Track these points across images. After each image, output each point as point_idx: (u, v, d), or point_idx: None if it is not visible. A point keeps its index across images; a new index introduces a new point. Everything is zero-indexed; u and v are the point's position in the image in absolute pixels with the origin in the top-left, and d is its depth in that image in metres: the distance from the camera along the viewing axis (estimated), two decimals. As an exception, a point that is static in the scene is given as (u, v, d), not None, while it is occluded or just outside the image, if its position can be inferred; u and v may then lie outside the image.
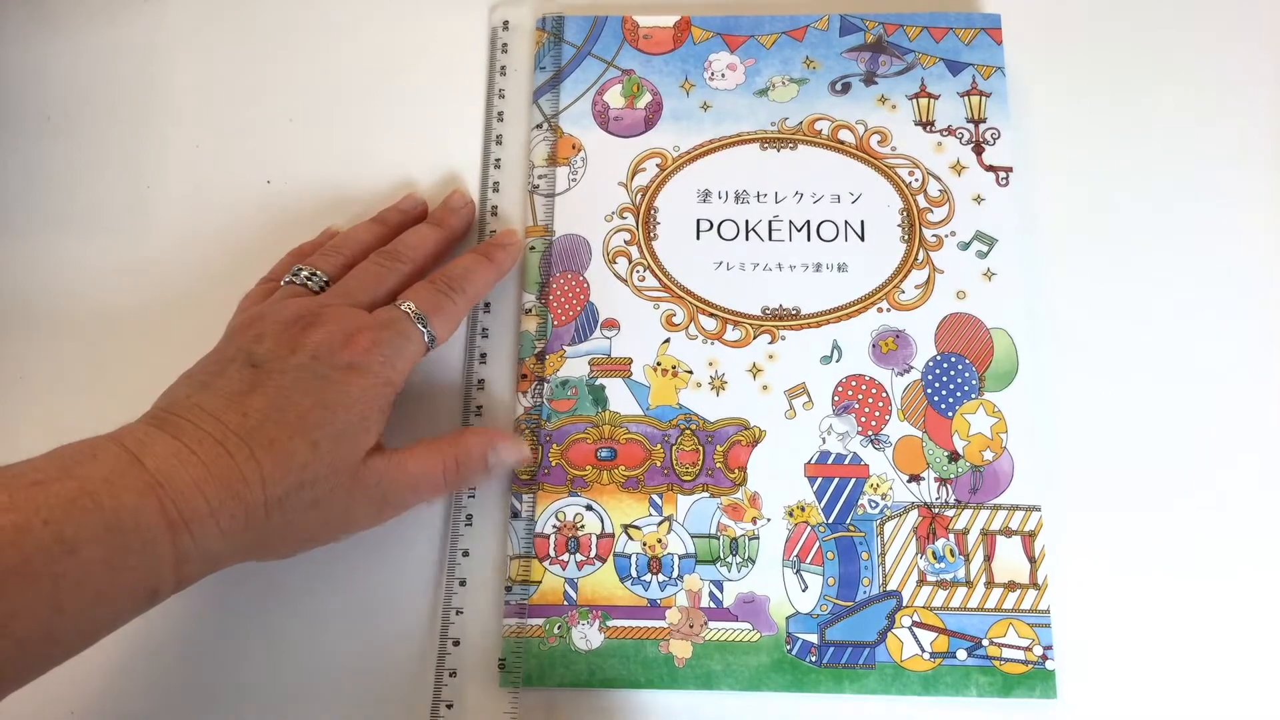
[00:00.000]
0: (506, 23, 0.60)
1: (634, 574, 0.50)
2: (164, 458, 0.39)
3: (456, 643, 0.49)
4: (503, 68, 0.59)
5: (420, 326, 0.47)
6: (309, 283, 0.50)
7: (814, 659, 0.48)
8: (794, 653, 0.48)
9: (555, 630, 0.49)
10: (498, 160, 0.57)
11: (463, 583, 0.50)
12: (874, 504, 0.50)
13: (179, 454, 0.39)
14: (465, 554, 0.51)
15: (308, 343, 0.44)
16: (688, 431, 0.52)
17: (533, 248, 0.55)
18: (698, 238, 0.55)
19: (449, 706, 0.48)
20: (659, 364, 0.53)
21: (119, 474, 0.37)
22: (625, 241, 0.55)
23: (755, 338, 0.53)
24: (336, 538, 0.45)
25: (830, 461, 0.51)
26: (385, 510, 0.46)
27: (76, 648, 0.37)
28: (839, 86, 0.57)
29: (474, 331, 0.54)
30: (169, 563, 0.38)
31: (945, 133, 0.56)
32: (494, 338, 0.54)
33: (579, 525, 0.50)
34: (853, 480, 0.51)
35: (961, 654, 0.48)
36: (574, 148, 0.56)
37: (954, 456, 0.51)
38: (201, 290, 0.54)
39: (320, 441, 0.42)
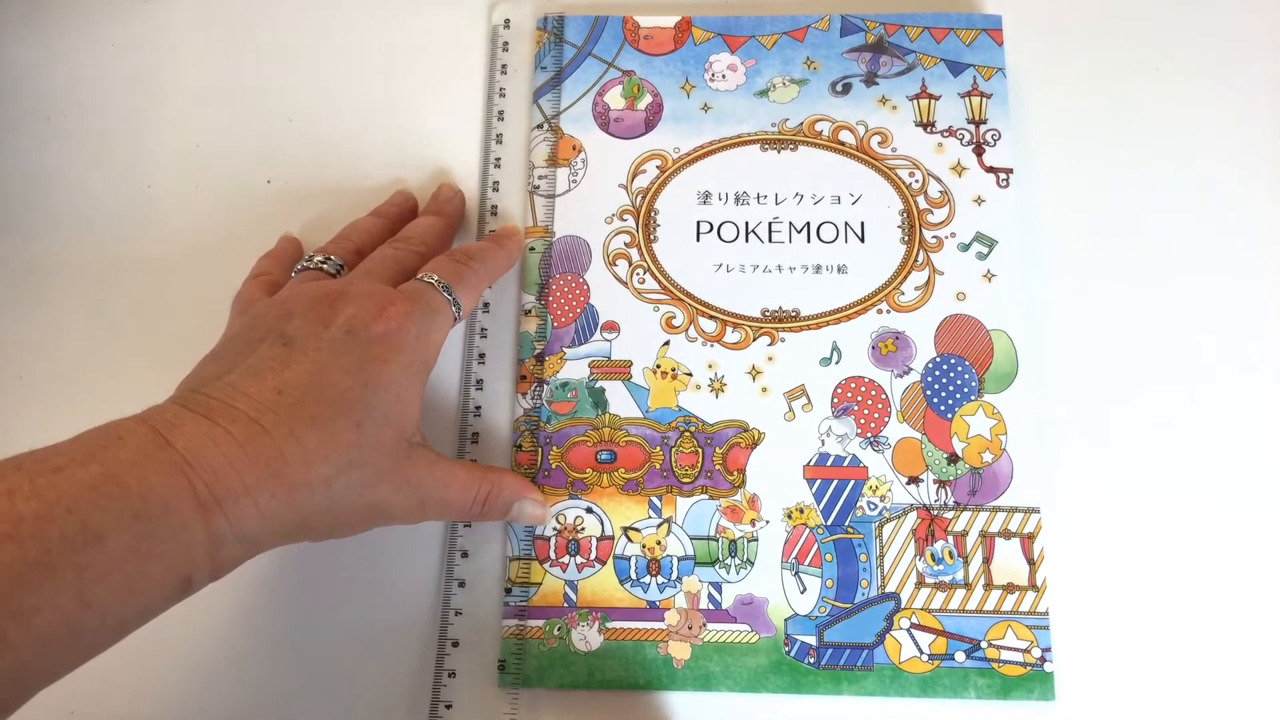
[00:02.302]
0: (507, 21, 0.59)
1: (633, 576, 0.50)
2: (194, 437, 0.37)
3: (456, 644, 0.49)
4: (503, 67, 0.59)
5: (446, 295, 0.47)
6: (324, 266, 0.49)
7: (812, 660, 0.48)
8: (792, 654, 0.49)
9: (555, 631, 0.49)
10: (498, 160, 0.57)
11: (462, 584, 0.50)
12: (873, 506, 0.51)
13: (210, 433, 0.37)
14: (464, 555, 0.51)
15: (340, 316, 0.43)
16: (687, 434, 0.52)
17: (532, 248, 0.55)
18: (698, 240, 0.55)
19: (448, 707, 0.48)
20: (659, 366, 0.53)
21: (146, 456, 0.35)
22: (625, 244, 0.55)
23: (755, 340, 0.53)
24: (371, 527, 0.43)
25: (829, 463, 0.51)
26: (418, 513, 0.45)
27: (106, 642, 0.35)
28: (839, 87, 0.57)
29: (472, 331, 0.54)
30: (202, 548, 0.36)
31: (946, 134, 0.56)
32: (493, 338, 0.54)
33: (579, 528, 0.50)
34: (852, 482, 0.51)
35: (960, 656, 0.48)
36: (574, 149, 0.56)
37: (953, 458, 0.51)
38: (202, 290, 0.53)
39: (364, 423, 0.41)
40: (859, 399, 0.52)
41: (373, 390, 0.42)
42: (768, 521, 0.50)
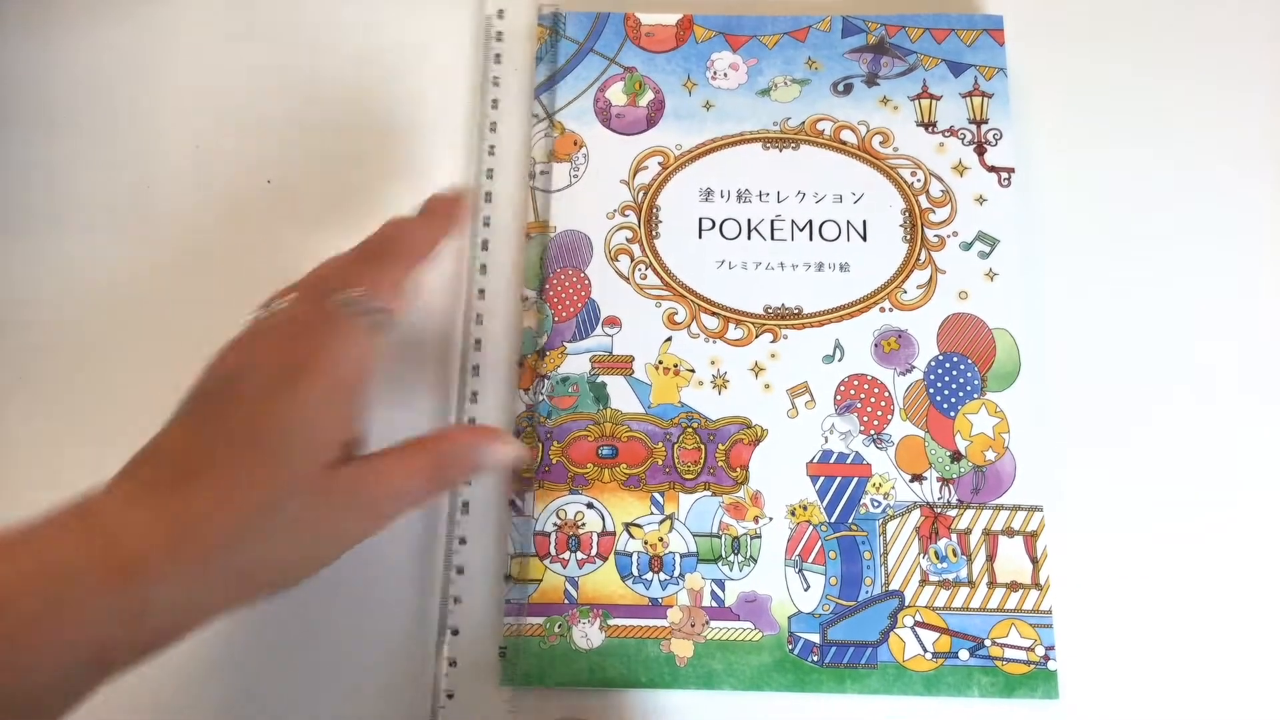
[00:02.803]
0: (501, 12, 0.59)
1: (635, 572, 0.49)
2: (109, 504, 0.36)
3: (456, 632, 0.49)
4: (498, 58, 0.59)
5: (362, 313, 0.42)
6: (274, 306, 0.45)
7: (816, 658, 0.48)
8: (796, 652, 0.48)
9: (556, 629, 0.49)
10: (492, 147, 0.57)
11: (461, 570, 0.50)
12: (876, 503, 0.50)
13: (126, 497, 0.37)
14: (463, 541, 0.51)
15: (247, 362, 0.41)
16: (689, 430, 0.51)
17: (529, 236, 0.55)
18: (700, 236, 0.54)
19: (450, 696, 0.48)
20: (661, 362, 0.52)
21: (63, 525, 0.35)
22: (627, 239, 0.54)
23: (757, 336, 0.53)
24: (336, 555, 0.41)
25: (832, 461, 0.51)
26: (374, 521, 0.42)
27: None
28: (841, 87, 0.57)
29: (469, 321, 0.54)
30: (119, 617, 0.35)
31: (947, 133, 0.56)
32: (491, 334, 0.54)
33: (580, 523, 0.50)
34: (855, 479, 0.51)
35: (964, 654, 0.48)
36: (575, 144, 0.56)
37: (956, 456, 0.51)
38: (202, 290, 0.53)
39: (277, 463, 0.39)
40: (862, 396, 0.52)
41: (282, 432, 0.39)
42: (771, 519, 0.50)
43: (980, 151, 0.55)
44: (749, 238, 0.54)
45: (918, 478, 0.51)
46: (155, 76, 0.60)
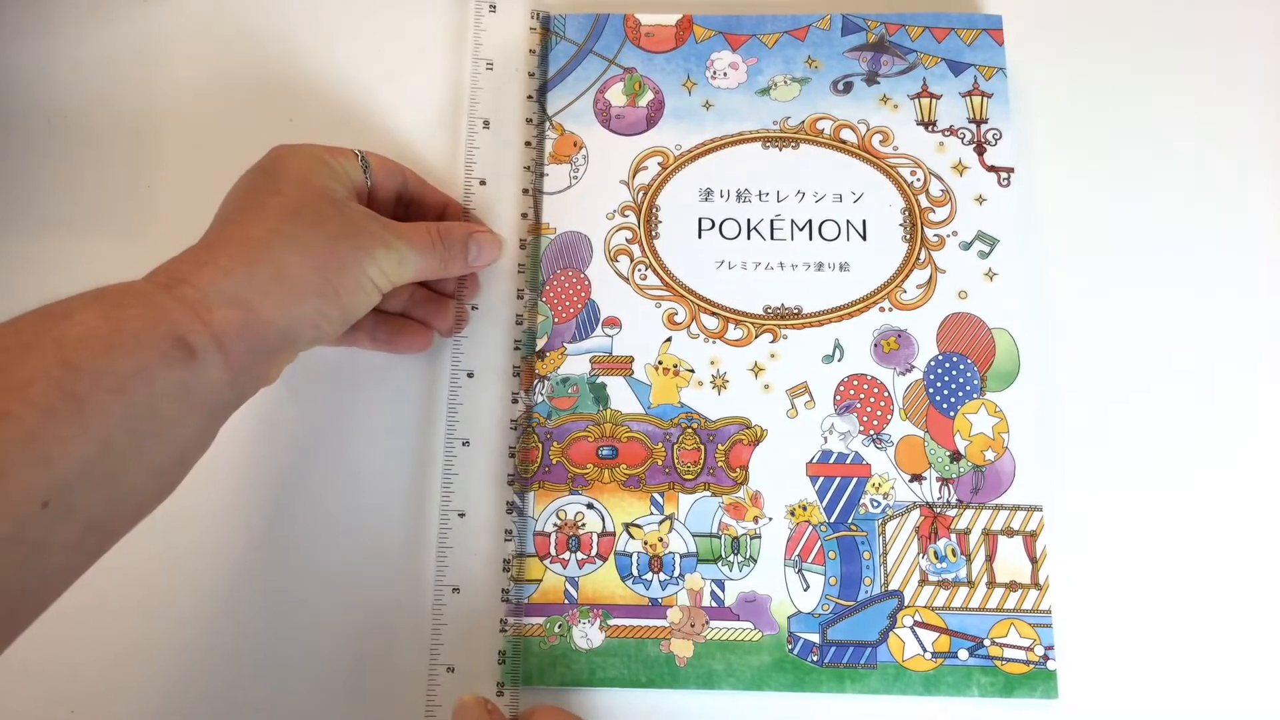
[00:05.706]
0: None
1: (635, 573, 0.50)
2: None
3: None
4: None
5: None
6: None
7: (815, 658, 0.48)
8: (795, 652, 0.48)
9: (555, 629, 0.49)
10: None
11: (461, 514, 0.51)
12: (876, 503, 0.50)
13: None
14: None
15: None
16: (689, 430, 0.51)
17: (522, 240, 0.55)
18: (699, 236, 0.54)
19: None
20: (660, 362, 0.52)
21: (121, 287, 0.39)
22: (627, 240, 0.54)
23: (757, 336, 0.53)
24: (355, 262, 0.44)
25: (832, 461, 0.51)
26: (384, 241, 0.46)
27: (110, 405, 0.35)
28: (841, 86, 0.57)
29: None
30: (180, 311, 0.38)
31: (947, 133, 0.56)
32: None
33: (580, 524, 0.50)
34: (854, 479, 0.51)
35: (963, 654, 0.48)
36: (575, 145, 0.56)
37: (956, 456, 0.51)
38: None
39: (279, 186, 0.46)
40: (861, 396, 0.52)
41: (272, 161, 0.47)
42: (770, 519, 0.50)
43: (980, 151, 0.55)
44: (749, 237, 0.54)
45: (917, 478, 0.51)
46: (155, 77, 0.60)
